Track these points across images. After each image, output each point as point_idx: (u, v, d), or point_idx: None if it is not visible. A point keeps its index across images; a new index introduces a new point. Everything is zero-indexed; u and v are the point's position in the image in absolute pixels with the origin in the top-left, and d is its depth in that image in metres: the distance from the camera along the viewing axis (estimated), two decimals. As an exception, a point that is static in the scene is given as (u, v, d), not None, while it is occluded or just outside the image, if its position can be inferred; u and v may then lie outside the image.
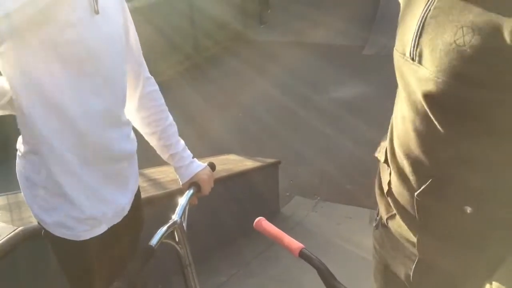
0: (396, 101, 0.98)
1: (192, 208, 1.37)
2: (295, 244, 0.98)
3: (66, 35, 0.97)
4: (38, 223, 1.17)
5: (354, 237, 3.29)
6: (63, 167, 1.09)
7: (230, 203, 3.28)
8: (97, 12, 1.01)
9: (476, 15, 0.72)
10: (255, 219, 1.08)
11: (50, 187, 1.11)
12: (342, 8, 9.68)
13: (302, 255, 0.96)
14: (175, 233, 1.19)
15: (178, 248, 1.21)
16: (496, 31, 0.70)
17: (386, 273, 1.13)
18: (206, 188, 1.38)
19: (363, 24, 8.72)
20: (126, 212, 1.24)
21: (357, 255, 2.98)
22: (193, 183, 1.36)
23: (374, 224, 1.19)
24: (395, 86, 0.97)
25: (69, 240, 1.13)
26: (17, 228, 1.67)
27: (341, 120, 5.67)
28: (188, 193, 1.30)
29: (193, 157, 1.41)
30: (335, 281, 0.89)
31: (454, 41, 0.75)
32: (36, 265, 1.70)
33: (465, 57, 0.73)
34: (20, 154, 1.15)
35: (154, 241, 1.04)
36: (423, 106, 0.83)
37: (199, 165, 1.39)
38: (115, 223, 1.21)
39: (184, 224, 1.22)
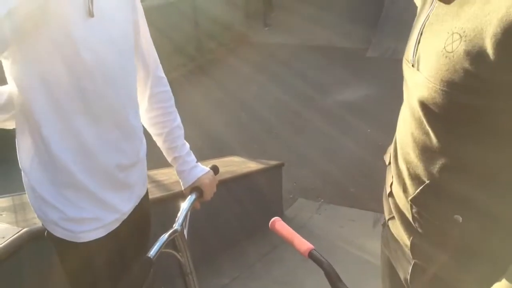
0: (402, 105, 1.00)
1: (195, 210, 1.36)
2: (305, 244, 0.98)
3: (64, 35, 0.97)
4: (42, 224, 1.18)
5: (357, 240, 3.29)
6: (62, 169, 1.08)
7: (234, 205, 3.28)
8: (91, 15, 1.00)
9: (465, 22, 0.74)
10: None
11: (50, 188, 1.11)
12: (346, 10, 9.68)
13: (311, 256, 0.96)
14: (176, 241, 1.18)
15: (179, 257, 1.20)
16: (479, 38, 0.70)
17: (391, 274, 1.13)
18: (208, 193, 1.37)
19: (366, 26, 8.71)
20: (126, 217, 1.23)
21: (360, 258, 2.97)
22: (195, 188, 1.34)
23: (381, 223, 1.20)
24: (398, 88, 0.98)
25: (71, 242, 1.13)
26: (21, 229, 1.68)
27: (345, 122, 5.66)
28: (190, 199, 1.28)
29: (196, 162, 1.39)
30: (342, 284, 0.89)
31: (444, 47, 0.76)
32: (40, 266, 1.70)
33: (451, 63, 0.74)
34: (23, 156, 1.15)
35: (152, 252, 1.01)
36: (419, 111, 0.84)
37: (202, 170, 1.37)
38: (116, 227, 1.19)
39: (185, 231, 1.20)
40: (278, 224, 1.07)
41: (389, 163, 1.07)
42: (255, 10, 10.03)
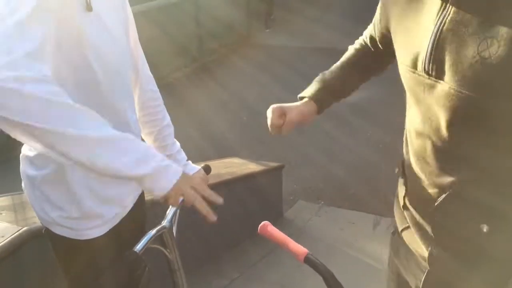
0: (407, 114, 0.96)
1: (193, 212, 1.36)
2: (300, 249, 0.96)
3: (67, 32, 0.96)
4: (41, 222, 1.18)
5: (357, 243, 3.28)
6: (67, 166, 1.07)
7: (234, 206, 3.28)
8: (90, 9, 0.99)
9: (502, 25, 0.70)
10: (258, 223, 1.08)
11: (52, 186, 1.11)
12: (347, 12, 9.69)
13: (307, 260, 0.94)
14: (164, 237, 1.18)
15: (167, 253, 1.21)
16: None
17: (399, 282, 1.12)
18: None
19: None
20: (127, 211, 1.24)
21: (360, 261, 2.97)
22: None
23: (391, 231, 1.18)
24: (400, 89, 0.95)
25: (70, 239, 1.14)
26: (21, 228, 1.68)
27: (346, 123, 5.66)
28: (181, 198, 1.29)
29: (187, 160, 1.40)
30: (341, 287, 0.88)
31: (478, 53, 0.72)
32: (40, 265, 1.70)
33: (491, 69, 0.71)
34: (25, 154, 1.15)
35: (139, 246, 1.02)
36: (440, 121, 0.80)
37: (193, 168, 1.39)
38: (117, 222, 1.20)
39: (174, 228, 1.21)
40: (270, 228, 1.04)
41: (402, 175, 1.03)
42: (256, 12, 10.04)
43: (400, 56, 0.90)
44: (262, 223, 1.05)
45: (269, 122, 1.20)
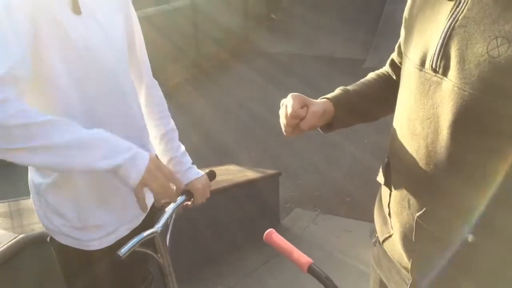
0: (399, 118, 0.93)
1: (189, 218, 1.35)
2: (304, 258, 0.95)
3: (60, 35, 0.96)
4: (47, 231, 1.16)
5: (353, 251, 3.28)
6: (73, 174, 1.07)
7: (229, 214, 3.27)
8: (78, 12, 0.98)
9: None
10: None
11: (56, 194, 1.10)
12: (345, 21, 9.75)
13: (310, 270, 0.94)
14: (155, 242, 1.17)
15: (157, 257, 1.19)
16: None
17: None
18: (199, 198, 1.36)
19: (365, 37, 8.78)
20: (138, 223, 1.22)
21: (356, 269, 2.97)
22: (186, 191, 1.33)
23: (373, 241, 1.17)
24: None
25: (75, 249, 1.12)
26: (17, 236, 1.67)
27: (343, 130, 5.66)
28: (177, 202, 1.26)
29: (192, 163, 1.39)
30: None
31: (487, 52, 0.71)
32: (36, 272, 1.69)
33: (499, 69, 0.69)
34: None
35: (123, 250, 1.01)
36: (441, 122, 0.78)
37: (196, 173, 1.37)
38: (126, 234, 1.18)
39: (169, 233, 1.20)
40: (275, 236, 1.03)
41: (385, 183, 1.01)
42: (256, 16, 10.09)
43: (410, 54, 0.88)
44: (268, 230, 1.04)
45: (288, 110, 1.03)
